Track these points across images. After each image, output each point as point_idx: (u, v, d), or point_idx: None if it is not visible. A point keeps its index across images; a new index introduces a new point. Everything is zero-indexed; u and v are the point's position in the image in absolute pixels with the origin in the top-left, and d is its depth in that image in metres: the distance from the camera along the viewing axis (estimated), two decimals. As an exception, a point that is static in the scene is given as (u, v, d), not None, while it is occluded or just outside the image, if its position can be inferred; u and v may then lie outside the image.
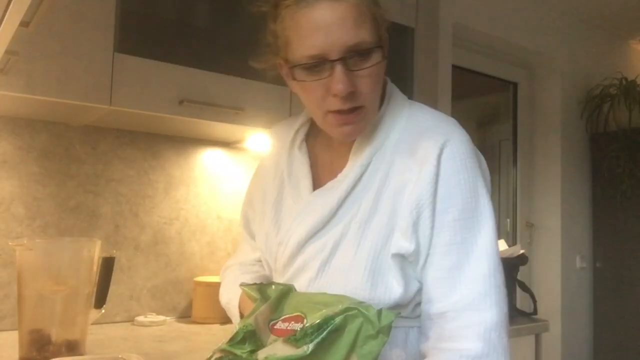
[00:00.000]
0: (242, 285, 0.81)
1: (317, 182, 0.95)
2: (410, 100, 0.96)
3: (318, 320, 0.64)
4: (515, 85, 3.10)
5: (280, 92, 1.67)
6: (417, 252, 0.84)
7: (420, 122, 0.91)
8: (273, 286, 0.77)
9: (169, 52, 1.48)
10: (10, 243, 1.23)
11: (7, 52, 1.04)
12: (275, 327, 0.70)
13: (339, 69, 0.80)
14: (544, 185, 3.09)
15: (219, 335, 1.59)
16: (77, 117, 1.56)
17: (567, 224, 3.06)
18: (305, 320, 0.68)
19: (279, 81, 1.66)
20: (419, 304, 0.87)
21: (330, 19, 0.80)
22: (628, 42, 3.51)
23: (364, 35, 0.81)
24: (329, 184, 0.92)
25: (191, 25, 1.60)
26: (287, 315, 0.70)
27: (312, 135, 1.01)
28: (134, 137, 1.76)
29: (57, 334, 1.22)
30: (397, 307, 0.84)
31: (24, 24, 0.84)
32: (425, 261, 0.84)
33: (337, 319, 0.63)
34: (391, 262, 0.84)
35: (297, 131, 1.02)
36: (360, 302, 0.65)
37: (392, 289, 0.83)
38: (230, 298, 1.02)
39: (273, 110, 1.65)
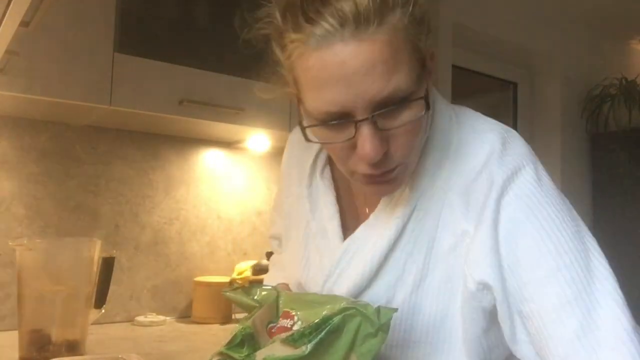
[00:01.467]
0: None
1: (348, 218, 0.79)
2: (455, 110, 0.76)
3: (316, 320, 0.64)
4: (515, 85, 3.10)
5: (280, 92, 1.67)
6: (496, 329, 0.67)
7: (474, 151, 0.70)
8: (259, 289, 0.74)
9: (169, 52, 1.48)
10: (10, 243, 1.22)
11: (7, 52, 1.04)
12: (272, 330, 0.70)
13: (366, 130, 0.60)
14: (544, 185, 3.08)
15: (219, 335, 1.59)
16: (77, 117, 1.56)
17: (567, 224, 3.05)
18: (295, 317, 0.68)
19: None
20: None
21: (353, 67, 0.58)
22: (628, 42, 3.51)
23: (399, 81, 0.59)
24: (360, 232, 0.75)
25: (191, 25, 1.60)
26: (280, 322, 0.70)
27: None
28: (134, 137, 1.76)
29: (57, 334, 1.22)
30: None
31: (24, 24, 0.84)
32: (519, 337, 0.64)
33: (336, 319, 0.63)
34: (457, 337, 0.68)
35: (317, 154, 0.84)
36: (358, 301, 0.65)
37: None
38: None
39: (273, 110, 1.65)
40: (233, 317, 1.78)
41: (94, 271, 1.29)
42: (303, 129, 0.65)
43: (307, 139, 0.66)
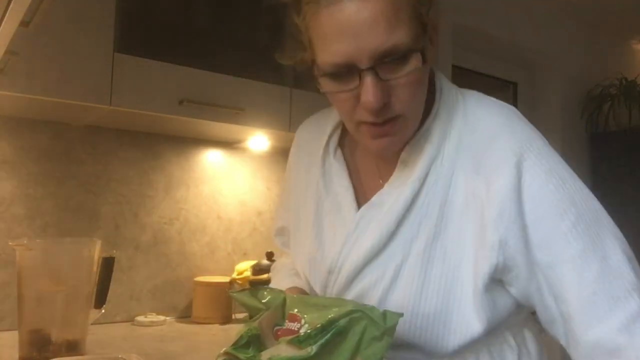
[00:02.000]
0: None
1: (361, 194, 0.84)
2: (460, 90, 0.84)
3: (323, 322, 0.64)
4: (515, 85, 3.10)
5: (280, 92, 1.67)
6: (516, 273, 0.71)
7: (482, 125, 0.77)
8: (265, 292, 0.74)
9: (169, 52, 1.48)
10: (10, 243, 1.23)
11: (7, 52, 1.04)
12: (279, 332, 0.70)
13: (369, 79, 0.68)
14: (544, 185, 3.08)
15: (219, 335, 1.59)
16: (77, 117, 1.56)
17: (567, 224, 3.05)
18: (302, 320, 0.68)
19: (279, 81, 1.68)
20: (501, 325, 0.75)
21: (358, 21, 0.66)
22: (628, 42, 3.51)
23: (400, 37, 0.67)
24: (376, 198, 0.80)
25: (191, 25, 1.60)
26: (286, 324, 0.70)
27: (348, 138, 0.90)
28: (134, 137, 1.76)
29: (57, 334, 1.22)
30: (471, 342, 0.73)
31: (24, 24, 0.84)
32: (541, 283, 0.70)
33: (342, 322, 0.63)
34: (468, 292, 0.72)
35: (330, 135, 0.90)
36: (365, 305, 0.65)
37: (470, 325, 0.72)
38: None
39: (273, 110, 1.65)
40: (233, 317, 1.78)
41: (94, 271, 1.29)
42: (316, 80, 0.74)
43: (320, 90, 0.74)
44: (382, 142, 0.75)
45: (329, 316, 0.64)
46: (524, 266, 0.70)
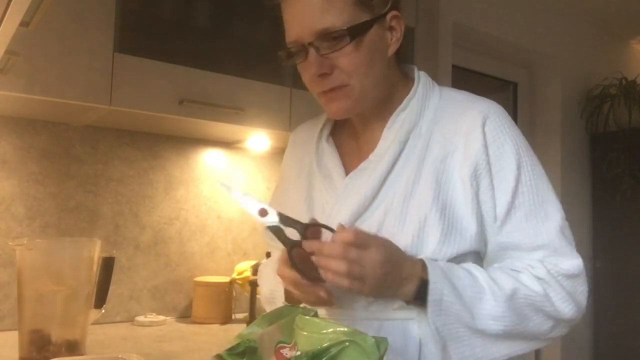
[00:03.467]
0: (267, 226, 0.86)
1: (348, 169, 0.96)
2: (439, 85, 0.99)
3: (313, 350, 0.64)
4: (515, 85, 3.10)
5: (280, 92, 1.67)
6: (481, 221, 0.88)
7: (456, 99, 0.94)
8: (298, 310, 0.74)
9: (169, 52, 1.48)
10: (10, 243, 1.23)
11: (7, 52, 1.04)
12: (282, 352, 0.69)
13: (310, 52, 0.86)
14: (544, 185, 3.08)
15: (219, 335, 1.59)
16: (77, 117, 1.56)
17: (567, 224, 3.05)
18: (295, 348, 0.67)
19: (279, 81, 1.68)
20: None
21: (299, 7, 0.86)
22: (628, 42, 3.51)
23: (331, 20, 0.84)
24: (362, 165, 0.93)
25: (191, 25, 1.60)
26: (293, 343, 0.70)
27: (338, 129, 1.04)
28: (134, 137, 1.76)
29: (57, 334, 1.22)
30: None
31: (24, 24, 0.84)
32: (499, 222, 0.88)
33: (333, 350, 0.64)
34: (442, 227, 0.86)
35: (322, 128, 1.04)
36: (359, 333, 0.65)
37: (443, 249, 0.85)
38: (273, 289, 1.00)
39: (273, 110, 1.65)
40: (233, 317, 1.78)
41: (94, 271, 1.29)
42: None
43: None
44: (332, 107, 0.91)
45: (323, 345, 0.64)
46: (490, 207, 0.88)
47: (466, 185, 0.87)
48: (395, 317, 0.86)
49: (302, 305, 0.84)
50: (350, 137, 1.00)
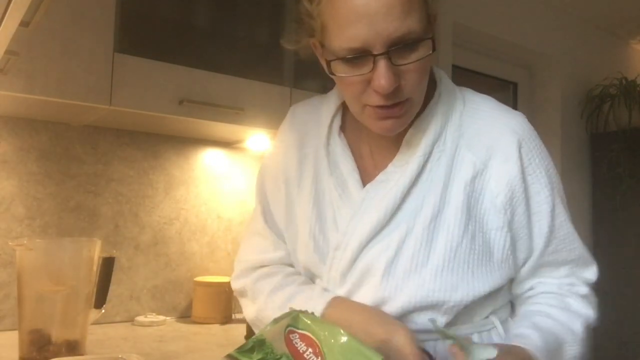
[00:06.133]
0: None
1: (364, 173, 0.88)
2: (457, 86, 0.91)
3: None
4: (515, 85, 3.10)
5: (280, 92, 1.67)
6: (514, 248, 0.84)
7: (481, 108, 0.86)
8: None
9: (169, 52, 1.48)
10: (10, 243, 1.22)
11: (7, 52, 1.04)
12: (291, 337, 0.68)
13: (382, 63, 0.71)
14: (544, 185, 3.08)
15: (219, 335, 1.59)
16: (77, 117, 1.56)
17: (567, 224, 3.05)
18: (320, 351, 0.66)
19: (279, 81, 1.68)
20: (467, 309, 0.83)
21: (374, 7, 0.69)
22: (628, 42, 3.51)
23: (412, 24, 0.71)
24: (381, 176, 0.85)
25: (191, 25, 1.60)
26: (302, 332, 0.69)
27: (347, 122, 0.92)
28: (134, 137, 1.76)
29: (57, 334, 1.22)
30: (464, 311, 0.82)
31: (24, 24, 0.84)
32: (538, 250, 0.86)
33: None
34: (473, 259, 0.80)
35: (332, 119, 0.92)
36: (378, 354, 0.65)
37: (475, 287, 0.80)
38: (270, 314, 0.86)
39: (273, 110, 1.65)
40: (233, 317, 1.78)
41: (94, 271, 1.29)
42: (328, 64, 0.76)
43: (331, 73, 0.77)
44: (386, 123, 0.78)
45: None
46: (525, 234, 0.85)
47: (499, 212, 0.82)
48: None
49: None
50: (362, 137, 0.89)
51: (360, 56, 0.72)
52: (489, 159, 0.82)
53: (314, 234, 0.87)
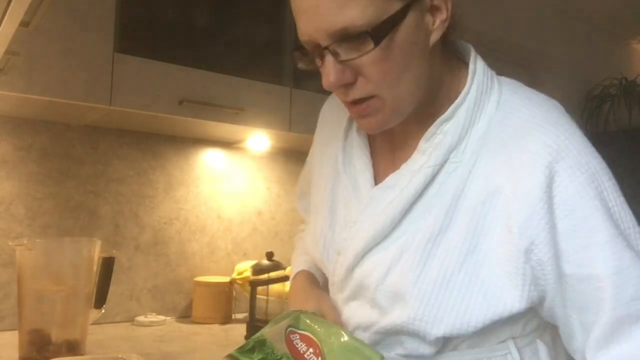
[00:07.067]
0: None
1: (377, 173, 0.81)
2: (500, 78, 0.79)
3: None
4: (515, 85, 3.10)
5: (280, 92, 1.67)
6: (540, 301, 0.67)
7: (517, 114, 0.71)
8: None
9: (169, 52, 1.48)
10: (10, 243, 1.23)
11: (7, 52, 1.04)
12: (291, 337, 0.68)
13: (326, 59, 0.67)
14: (544, 185, 3.08)
15: (219, 335, 1.59)
16: (77, 117, 1.56)
17: (567, 224, 3.05)
18: (321, 351, 0.66)
19: (279, 81, 1.68)
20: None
21: (307, 1, 0.65)
22: (628, 42, 3.51)
23: (351, 17, 0.63)
24: (390, 179, 0.76)
25: (191, 25, 1.60)
26: (303, 332, 0.69)
27: None
28: (134, 137, 1.76)
29: (57, 334, 1.22)
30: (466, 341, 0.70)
31: (24, 24, 0.84)
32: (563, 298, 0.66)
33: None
34: (471, 292, 0.67)
35: None
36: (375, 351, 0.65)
37: (466, 322, 0.67)
38: (293, 273, 0.95)
39: (273, 110, 1.65)
40: (233, 317, 1.78)
41: (94, 271, 1.29)
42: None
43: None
44: (362, 123, 0.74)
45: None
46: (552, 276, 0.65)
47: (512, 258, 0.66)
48: None
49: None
50: (386, 131, 0.78)
51: (312, 48, 0.69)
52: (509, 180, 0.67)
53: (325, 232, 0.84)
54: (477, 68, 0.77)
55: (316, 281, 0.93)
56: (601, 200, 0.65)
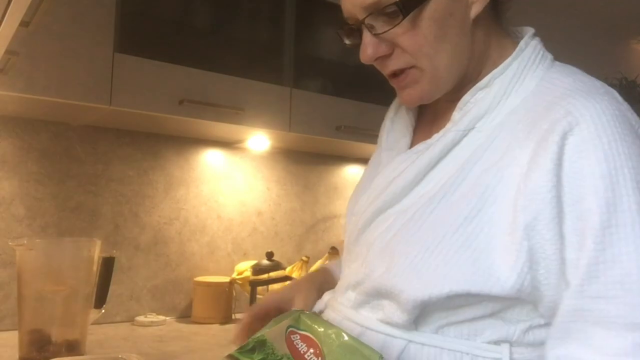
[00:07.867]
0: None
1: (413, 145, 0.80)
2: (557, 62, 0.76)
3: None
4: (515, 85, 3.10)
5: (280, 92, 1.67)
6: (532, 278, 0.62)
7: (556, 85, 0.68)
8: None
9: (169, 52, 1.48)
10: (10, 243, 1.23)
11: (7, 52, 1.04)
12: (292, 337, 0.68)
13: (364, 33, 0.71)
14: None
15: (218, 335, 1.59)
16: (77, 117, 1.56)
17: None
18: (321, 351, 0.66)
19: (279, 81, 1.68)
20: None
21: None
22: (628, 42, 3.51)
23: None
24: (418, 146, 0.76)
25: (191, 25, 1.60)
26: (303, 332, 0.69)
27: None
28: (134, 137, 1.76)
29: (57, 334, 1.22)
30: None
31: (24, 24, 0.84)
32: (575, 283, 0.60)
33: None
34: (461, 258, 0.64)
35: None
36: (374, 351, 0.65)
37: (443, 284, 0.64)
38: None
39: (273, 110, 1.65)
40: (233, 317, 1.78)
41: (94, 271, 1.29)
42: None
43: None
44: (403, 94, 0.75)
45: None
46: (555, 258, 0.61)
47: (511, 232, 0.62)
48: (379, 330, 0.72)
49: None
50: (432, 103, 0.79)
51: (354, 25, 0.73)
52: (528, 151, 0.63)
53: (351, 198, 0.86)
54: (528, 46, 0.74)
55: (319, 275, 0.94)
56: (605, 185, 0.59)
